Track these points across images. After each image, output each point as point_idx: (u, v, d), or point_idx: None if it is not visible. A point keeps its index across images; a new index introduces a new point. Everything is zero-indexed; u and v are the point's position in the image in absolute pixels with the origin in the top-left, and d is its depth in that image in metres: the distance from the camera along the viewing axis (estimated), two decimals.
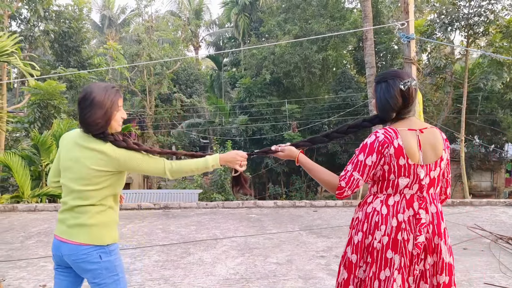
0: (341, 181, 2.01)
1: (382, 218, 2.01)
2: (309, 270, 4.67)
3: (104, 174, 2.10)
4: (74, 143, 2.16)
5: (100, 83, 2.20)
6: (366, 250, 2.04)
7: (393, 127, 2.03)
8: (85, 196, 2.11)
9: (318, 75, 23.18)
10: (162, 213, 7.94)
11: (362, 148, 2.03)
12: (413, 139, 2.01)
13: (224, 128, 25.21)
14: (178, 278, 4.38)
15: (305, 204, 8.67)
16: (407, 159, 1.97)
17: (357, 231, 2.08)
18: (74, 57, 18.63)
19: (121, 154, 2.12)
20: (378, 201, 2.05)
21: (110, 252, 2.16)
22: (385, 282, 1.98)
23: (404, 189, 2.01)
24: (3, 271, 4.50)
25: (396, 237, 1.98)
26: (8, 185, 12.12)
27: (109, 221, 2.19)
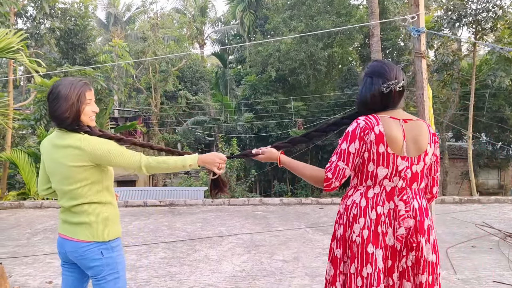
0: (327, 173, 1.96)
1: (361, 211, 1.96)
2: (316, 267, 4.64)
3: (84, 170, 2.08)
4: (51, 145, 2.16)
5: (68, 78, 2.19)
6: (346, 244, 2.00)
7: (374, 115, 1.98)
8: (76, 195, 2.11)
9: (323, 72, 23.05)
10: (168, 210, 7.94)
11: (345, 136, 1.98)
12: (396, 128, 1.95)
13: (230, 126, 25.16)
14: (184, 275, 4.36)
15: (311, 202, 8.63)
16: (386, 146, 1.92)
17: (340, 225, 2.05)
18: (80, 54, 18.65)
19: (95, 147, 2.08)
20: (358, 193, 2.01)
21: (112, 248, 2.16)
22: (368, 279, 1.91)
23: (384, 180, 1.96)
24: (10, 267, 4.51)
25: (376, 230, 1.93)
26: (15, 182, 12.16)
27: (109, 216, 2.17)
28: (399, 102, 2.04)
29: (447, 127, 19.30)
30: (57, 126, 2.13)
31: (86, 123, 2.16)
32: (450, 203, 8.75)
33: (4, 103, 9.28)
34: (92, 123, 2.18)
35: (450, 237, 5.86)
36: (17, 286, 3.99)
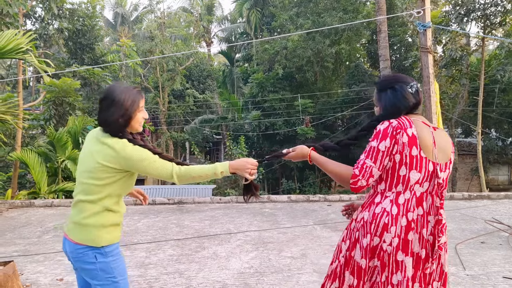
0: (354, 170, 1.92)
1: (392, 219, 1.89)
2: (324, 264, 4.64)
3: (109, 171, 2.08)
4: (92, 137, 2.19)
5: (121, 84, 2.20)
6: (372, 253, 1.93)
7: (406, 116, 1.96)
8: (87, 190, 2.10)
9: (331, 69, 23.01)
10: (176, 208, 7.98)
11: (375, 135, 1.94)
12: (428, 133, 1.94)
13: (237, 124, 25.22)
14: (193, 272, 4.39)
15: (319, 199, 8.63)
16: (419, 150, 1.88)
17: (365, 233, 1.95)
18: (88, 54, 18.80)
19: (131, 153, 2.08)
20: (388, 200, 1.93)
21: (106, 254, 2.11)
22: (398, 286, 1.88)
23: (415, 186, 1.91)
24: (21, 265, 4.57)
25: (406, 238, 1.89)
26: (26, 181, 12.32)
27: (106, 224, 2.12)
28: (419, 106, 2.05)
29: (456, 123, 19.14)
30: (103, 130, 2.14)
31: (134, 128, 2.18)
32: (459, 199, 8.69)
33: (14, 103, 9.40)
34: (140, 128, 2.21)
35: (459, 233, 5.83)
36: (28, 283, 4.04)
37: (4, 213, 7.46)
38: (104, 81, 16.17)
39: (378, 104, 2.13)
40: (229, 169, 2.22)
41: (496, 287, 3.95)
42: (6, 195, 10.02)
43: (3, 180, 11.77)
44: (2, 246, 5.37)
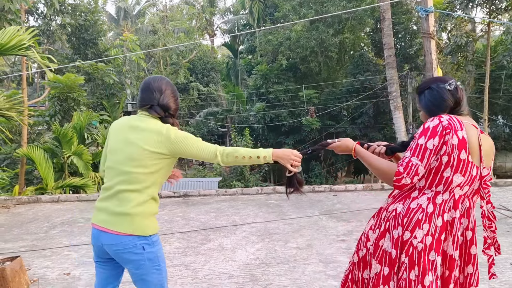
0: (399, 167, 1.87)
1: (426, 217, 1.87)
2: (330, 254, 4.64)
3: (156, 157, 2.09)
4: (126, 126, 2.19)
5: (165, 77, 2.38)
6: (402, 247, 1.91)
7: (457, 117, 1.90)
8: (132, 179, 2.08)
9: (335, 59, 22.84)
10: (182, 201, 8.00)
11: (423, 132, 1.88)
12: (475, 137, 1.90)
13: (242, 116, 25.18)
14: (199, 264, 4.40)
15: (324, 189, 8.61)
16: (468, 154, 1.84)
17: (396, 225, 1.93)
18: (92, 49, 18.78)
19: (178, 136, 2.13)
20: (425, 197, 1.91)
21: (153, 243, 2.12)
22: (430, 287, 1.85)
23: (455, 188, 1.88)
24: (29, 260, 4.61)
25: (439, 237, 1.87)
26: (33, 177, 12.40)
27: (151, 212, 2.15)
28: (466, 105, 2.01)
29: None
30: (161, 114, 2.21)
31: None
32: None
33: (19, 100, 9.43)
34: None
35: None
36: (36, 278, 4.08)
37: (11, 209, 7.52)
38: (108, 76, 16.17)
39: (420, 109, 2.10)
40: (272, 156, 2.21)
41: (503, 274, 3.93)
42: (13, 191, 10.10)
43: (11, 176, 11.86)
44: (9, 242, 5.41)
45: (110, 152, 2.20)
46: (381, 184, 8.65)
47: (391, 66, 12.29)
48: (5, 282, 3.53)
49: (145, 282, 2.14)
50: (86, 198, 8.22)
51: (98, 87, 16.56)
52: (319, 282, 3.83)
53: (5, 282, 3.54)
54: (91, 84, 16.55)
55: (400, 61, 20.10)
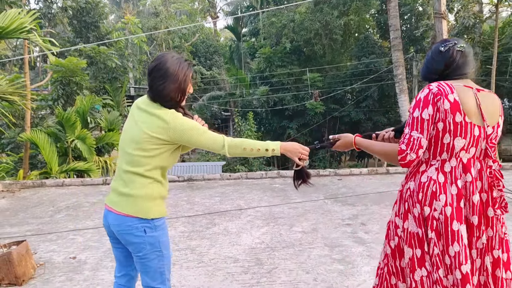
0: (401, 145, 1.85)
1: (440, 187, 1.83)
2: (335, 238, 4.62)
3: (156, 142, 2.03)
4: (136, 107, 2.14)
5: (172, 54, 2.12)
6: (426, 224, 1.86)
7: (446, 82, 1.87)
8: (134, 161, 2.05)
9: (339, 42, 22.57)
10: (186, 185, 8.00)
11: (416, 104, 1.87)
12: (471, 96, 1.85)
13: (245, 100, 25.03)
14: (204, 248, 4.40)
15: (329, 173, 8.57)
16: (464, 116, 1.80)
17: (414, 203, 1.90)
18: (93, 33, 18.60)
19: (182, 123, 2.04)
20: (433, 168, 1.87)
21: (155, 227, 2.10)
22: (456, 257, 1.81)
23: (460, 152, 1.84)
24: (35, 244, 4.62)
25: (458, 205, 1.82)
26: (37, 161, 12.40)
27: (155, 195, 2.11)
28: (465, 68, 1.93)
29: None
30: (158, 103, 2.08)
31: (182, 102, 2.16)
32: None
33: (21, 84, 9.37)
34: (184, 102, 2.18)
35: None
36: (42, 262, 4.08)
37: (16, 193, 7.54)
38: (110, 60, 16.05)
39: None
40: (280, 149, 2.19)
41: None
42: (18, 176, 10.12)
43: (15, 161, 11.88)
44: (15, 226, 5.42)
45: (123, 131, 2.20)
46: (386, 168, 8.62)
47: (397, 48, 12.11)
48: (11, 266, 3.54)
49: (145, 266, 2.13)
50: (91, 183, 8.23)
51: (100, 71, 16.45)
52: (324, 266, 3.82)
53: (12, 266, 3.54)
54: (93, 68, 16.44)
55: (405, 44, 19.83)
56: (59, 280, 3.68)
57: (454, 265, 1.81)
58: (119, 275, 2.30)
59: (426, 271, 1.87)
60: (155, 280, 2.15)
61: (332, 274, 3.64)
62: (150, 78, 2.07)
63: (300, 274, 3.67)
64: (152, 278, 2.15)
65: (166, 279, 2.19)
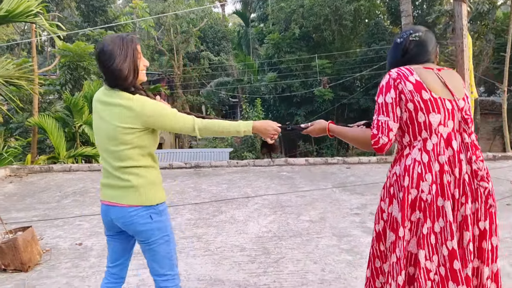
0: (372, 130, 1.90)
1: (425, 167, 1.85)
2: (343, 227, 4.56)
3: (131, 132, 1.99)
4: (98, 102, 2.08)
5: (112, 35, 2.06)
6: (413, 206, 1.87)
7: (406, 66, 1.96)
8: (122, 156, 2.03)
9: (349, 28, 22.22)
10: (193, 172, 7.96)
11: (379, 91, 1.95)
12: (432, 75, 1.93)
13: (253, 86, 24.85)
14: (210, 236, 4.36)
15: (337, 161, 8.49)
16: (430, 92, 1.87)
17: (400, 187, 1.92)
18: (101, 17, 18.51)
19: (149, 109, 1.99)
20: (416, 149, 1.89)
21: (160, 212, 2.11)
22: (441, 233, 1.84)
23: (439, 127, 1.86)
24: (41, 229, 4.61)
25: (442, 182, 1.84)
26: (45, 146, 12.44)
27: (154, 181, 2.11)
28: (423, 55, 2.01)
29: (479, 81, 18.41)
30: (114, 87, 2.01)
31: (140, 80, 2.09)
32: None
33: (29, 68, 9.33)
34: (144, 78, 2.11)
35: None
36: (48, 248, 4.08)
37: (24, 178, 7.56)
38: None
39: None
40: (251, 130, 2.21)
41: None
42: (25, 160, 10.16)
43: (23, 145, 11.93)
44: (22, 211, 5.43)
45: (94, 131, 2.15)
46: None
47: None
48: (17, 252, 3.53)
49: (154, 252, 2.13)
50: (98, 168, 8.22)
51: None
52: (332, 256, 3.77)
53: (17, 252, 3.53)
54: None
55: None
56: (65, 266, 3.67)
57: (440, 241, 1.84)
58: (112, 265, 2.30)
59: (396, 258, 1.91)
60: (164, 266, 2.16)
61: (340, 265, 3.58)
62: (100, 64, 2.00)
63: (308, 264, 3.61)
64: (161, 264, 2.15)
65: (175, 265, 2.21)
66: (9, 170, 7.88)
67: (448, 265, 1.84)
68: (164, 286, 2.17)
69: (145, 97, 2.04)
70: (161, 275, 2.17)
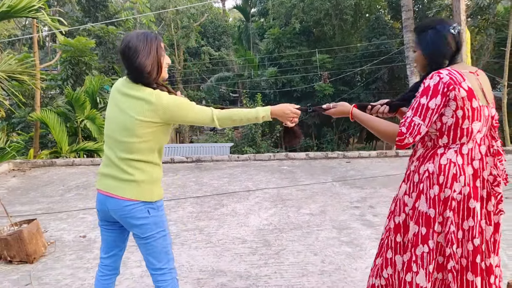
0: (401, 127, 1.88)
1: (460, 169, 1.89)
2: (343, 220, 4.62)
3: (149, 126, 2.01)
4: (118, 92, 2.10)
5: (137, 31, 2.10)
6: (445, 205, 1.92)
7: (455, 69, 1.89)
8: (131, 148, 2.04)
9: (350, 22, 22.20)
10: (194, 166, 8.02)
11: (424, 91, 1.87)
12: (476, 81, 1.92)
13: (254, 81, 24.88)
14: (212, 229, 4.43)
15: (337, 155, 8.54)
16: (478, 100, 1.87)
17: (432, 184, 1.94)
18: (102, 12, 18.49)
19: (169, 102, 2.02)
20: (452, 151, 1.92)
21: (157, 208, 2.13)
22: (469, 231, 1.92)
23: (477, 134, 1.91)
24: (45, 222, 4.68)
25: (475, 185, 1.91)
26: (47, 141, 12.50)
27: (156, 178, 2.14)
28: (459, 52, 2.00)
29: None
30: (138, 83, 2.05)
31: (163, 77, 2.12)
32: None
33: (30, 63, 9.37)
34: (166, 75, 2.15)
35: None
36: (53, 240, 4.14)
37: (27, 172, 7.62)
38: (118, 40, 15.97)
39: (417, 48, 2.04)
40: (270, 115, 2.21)
41: None
42: (28, 155, 10.23)
43: (25, 140, 11.99)
44: (26, 205, 5.50)
45: (106, 119, 2.15)
46: (395, 151, 8.55)
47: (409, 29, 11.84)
48: (22, 244, 3.59)
49: (150, 246, 2.14)
50: (100, 162, 8.28)
51: (109, 51, 16.41)
52: (332, 248, 3.83)
53: (23, 244, 3.60)
54: (102, 48, 16.39)
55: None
56: (69, 258, 3.74)
57: (467, 237, 1.93)
58: (106, 256, 2.30)
59: (428, 248, 1.95)
60: (161, 260, 2.17)
61: (340, 256, 3.65)
62: (124, 59, 2.03)
63: (308, 255, 3.68)
64: (158, 259, 2.16)
65: (171, 259, 2.22)
66: (12, 165, 7.95)
67: (471, 258, 1.94)
68: (161, 279, 2.18)
69: (165, 92, 2.07)
70: (158, 269, 2.17)
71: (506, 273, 3.24)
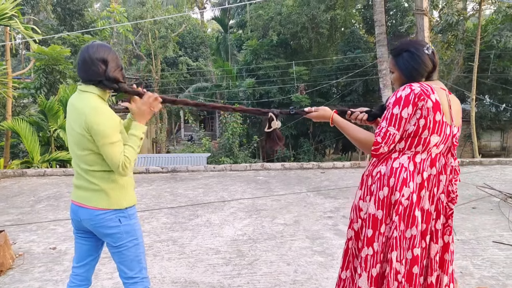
0: (376, 137, 1.97)
1: (410, 175, 1.98)
2: (316, 230, 4.68)
3: (87, 140, 2.00)
4: (69, 105, 2.11)
5: (95, 42, 2.12)
6: (392, 207, 2.00)
7: (427, 83, 2.00)
8: (87, 161, 2.04)
9: (326, 36, 22.59)
10: (170, 176, 7.98)
11: (396, 101, 1.96)
12: (445, 98, 2.01)
13: (231, 92, 24.92)
14: (186, 240, 4.42)
15: (312, 166, 8.64)
16: (442, 115, 1.96)
17: (382, 186, 2.02)
18: (78, 21, 18.31)
19: (95, 121, 1.95)
20: (405, 157, 2.01)
21: (129, 216, 2.13)
22: (411, 240, 1.98)
23: (432, 148, 2.00)
24: (14, 234, 4.57)
25: (419, 194, 1.99)
26: (18, 151, 12.19)
27: (124, 184, 2.12)
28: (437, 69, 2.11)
29: (450, 90, 18.93)
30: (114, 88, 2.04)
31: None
32: None
33: (2, 71, 9.19)
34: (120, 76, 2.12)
35: None
36: (21, 252, 4.05)
37: None
38: None
39: (394, 70, 2.12)
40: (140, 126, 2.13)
41: (486, 251, 4.01)
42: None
43: None
44: None
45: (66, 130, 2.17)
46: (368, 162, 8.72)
47: (381, 43, 12.19)
48: None
49: (122, 255, 2.14)
50: (73, 173, 8.10)
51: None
52: (305, 258, 3.88)
53: None
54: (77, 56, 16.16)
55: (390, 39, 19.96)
56: (38, 270, 3.66)
57: (408, 246, 1.99)
58: (78, 265, 2.29)
59: (373, 251, 2.01)
60: (133, 269, 2.17)
61: (312, 266, 3.69)
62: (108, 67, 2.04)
63: (281, 265, 3.71)
64: (130, 267, 2.16)
65: (144, 268, 2.21)
66: None
67: (408, 267, 2.00)
68: None
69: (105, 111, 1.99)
70: (129, 278, 2.17)
71: (471, 281, 3.35)
